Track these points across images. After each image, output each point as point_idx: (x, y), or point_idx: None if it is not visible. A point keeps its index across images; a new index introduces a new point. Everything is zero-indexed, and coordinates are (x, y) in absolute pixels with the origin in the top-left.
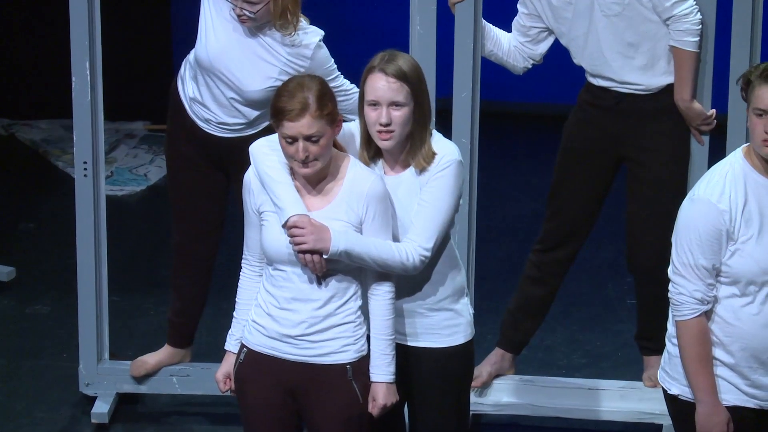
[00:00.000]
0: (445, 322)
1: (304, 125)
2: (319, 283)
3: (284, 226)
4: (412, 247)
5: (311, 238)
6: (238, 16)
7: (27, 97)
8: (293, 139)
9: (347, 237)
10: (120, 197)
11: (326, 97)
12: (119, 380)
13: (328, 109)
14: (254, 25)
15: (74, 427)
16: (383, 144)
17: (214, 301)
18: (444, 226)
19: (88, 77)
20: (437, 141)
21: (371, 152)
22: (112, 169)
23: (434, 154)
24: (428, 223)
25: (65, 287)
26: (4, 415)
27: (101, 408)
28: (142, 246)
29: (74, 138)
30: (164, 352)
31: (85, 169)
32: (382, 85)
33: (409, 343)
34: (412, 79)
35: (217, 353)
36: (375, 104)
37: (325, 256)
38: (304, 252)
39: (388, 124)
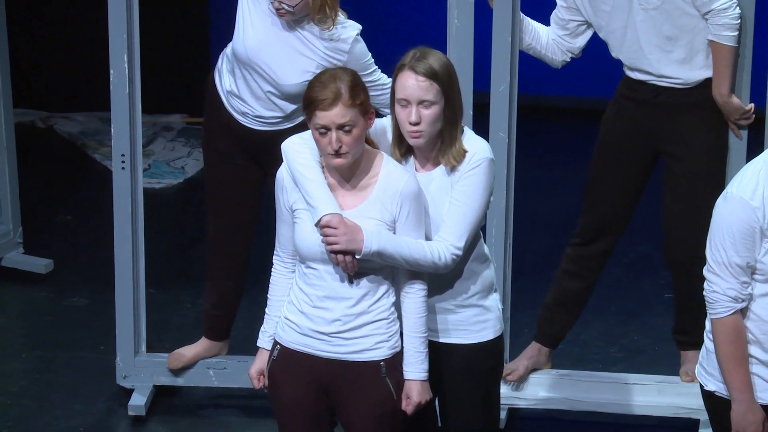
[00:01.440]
0: (475, 318)
1: (336, 114)
2: (351, 282)
3: (317, 225)
4: (444, 246)
5: (344, 239)
6: (277, 9)
7: (65, 89)
8: (326, 129)
9: (380, 237)
10: (157, 190)
11: (358, 87)
12: (156, 373)
13: (361, 99)
14: (292, 19)
15: (111, 419)
16: (413, 143)
17: (250, 294)
18: (475, 225)
19: (126, 70)
20: (468, 139)
21: (403, 149)
22: (149, 162)
23: (465, 152)
24: (460, 222)
25: (102, 280)
26: (41, 408)
27: (138, 400)
28: (179, 239)
29: (112, 131)
30: (201, 344)
31: (123, 161)
32: (411, 83)
33: (440, 340)
34: (442, 78)
35: (253, 346)
36: (405, 102)
37: (357, 257)
38: (336, 252)
39: (417, 123)
